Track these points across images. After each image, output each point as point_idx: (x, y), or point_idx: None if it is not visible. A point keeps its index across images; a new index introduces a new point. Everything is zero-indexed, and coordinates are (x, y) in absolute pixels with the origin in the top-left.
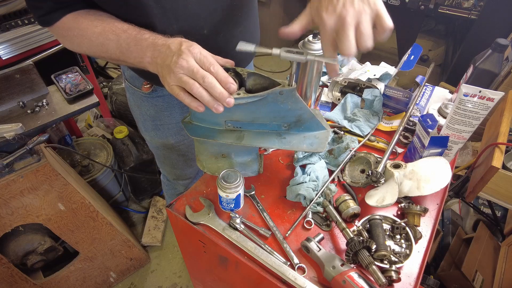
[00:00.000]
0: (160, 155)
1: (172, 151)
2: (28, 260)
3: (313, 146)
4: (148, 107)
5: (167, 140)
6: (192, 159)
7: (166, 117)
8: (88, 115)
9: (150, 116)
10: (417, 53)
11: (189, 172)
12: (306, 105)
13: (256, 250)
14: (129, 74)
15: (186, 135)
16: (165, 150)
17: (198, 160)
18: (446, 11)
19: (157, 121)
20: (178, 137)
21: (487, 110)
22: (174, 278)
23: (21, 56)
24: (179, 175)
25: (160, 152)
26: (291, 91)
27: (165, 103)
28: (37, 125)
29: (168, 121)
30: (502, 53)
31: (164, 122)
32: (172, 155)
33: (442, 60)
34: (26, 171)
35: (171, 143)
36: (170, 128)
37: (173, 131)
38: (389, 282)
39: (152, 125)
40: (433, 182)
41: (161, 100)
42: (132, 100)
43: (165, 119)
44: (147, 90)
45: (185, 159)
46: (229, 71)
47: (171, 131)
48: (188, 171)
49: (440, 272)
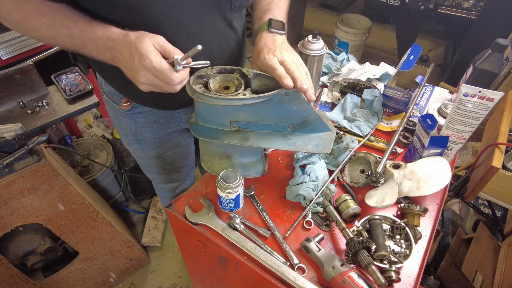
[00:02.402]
0: (144, 164)
1: (156, 161)
2: (28, 260)
3: (318, 147)
4: (128, 123)
5: (149, 153)
6: (180, 166)
7: (147, 133)
8: (88, 115)
9: (131, 132)
10: (416, 53)
11: (176, 177)
12: (312, 107)
13: (256, 250)
14: (108, 89)
15: (169, 147)
16: (149, 160)
17: (202, 160)
18: (446, 11)
19: (139, 136)
20: (161, 149)
21: (487, 110)
22: (174, 278)
23: (21, 56)
24: (165, 180)
25: (144, 162)
26: (297, 92)
27: (146, 119)
28: (37, 125)
29: (150, 136)
30: (502, 53)
31: (146, 137)
32: (157, 164)
33: (442, 60)
34: (26, 171)
35: (154, 155)
36: (152, 142)
37: (155, 144)
38: (389, 282)
39: (133, 140)
40: (433, 182)
41: (141, 116)
42: (112, 115)
43: (147, 134)
44: (127, 107)
45: (172, 167)
46: (235, 71)
47: (154, 144)
48: (175, 176)
49: (440, 272)
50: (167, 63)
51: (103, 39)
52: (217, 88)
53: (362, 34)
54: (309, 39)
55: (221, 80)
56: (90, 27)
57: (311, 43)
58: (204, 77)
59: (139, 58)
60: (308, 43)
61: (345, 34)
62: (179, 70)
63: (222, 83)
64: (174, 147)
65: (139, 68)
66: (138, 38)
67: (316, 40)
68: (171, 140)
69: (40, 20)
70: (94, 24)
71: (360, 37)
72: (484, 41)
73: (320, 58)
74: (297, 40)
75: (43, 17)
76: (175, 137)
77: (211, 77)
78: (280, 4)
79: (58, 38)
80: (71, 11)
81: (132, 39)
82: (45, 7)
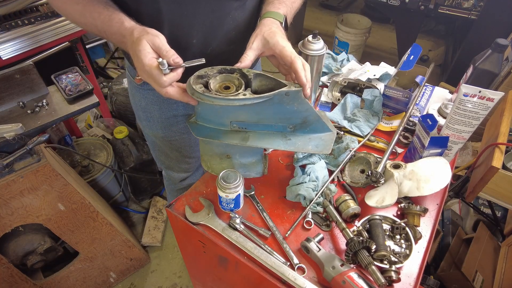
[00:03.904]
0: (153, 143)
1: (164, 142)
2: (28, 260)
3: (318, 148)
4: (140, 98)
5: (157, 132)
6: (188, 156)
7: (155, 111)
8: (88, 115)
9: (141, 107)
10: (416, 53)
11: (185, 168)
12: (312, 107)
13: (256, 250)
14: (127, 63)
15: (176, 132)
16: (158, 140)
17: (202, 160)
18: (446, 11)
19: (147, 113)
20: (168, 132)
21: (487, 110)
22: (174, 278)
23: (21, 56)
24: (173, 167)
25: (153, 141)
26: (297, 92)
27: (155, 97)
28: (37, 125)
29: (157, 114)
30: (502, 53)
31: (154, 115)
32: (164, 146)
33: (442, 60)
34: (26, 171)
35: (161, 135)
36: (160, 122)
37: (162, 125)
38: (389, 282)
39: (143, 116)
40: (433, 182)
41: (151, 93)
42: (129, 88)
43: (155, 112)
44: (139, 82)
45: (180, 154)
46: (236, 71)
47: (161, 125)
48: (184, 166)
49: (440, 272)
50: (157, 67)
51: (117, 34)
52: (217, 88)
53: (362, 34)
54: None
55: (221, 80)
56: (110, 20)
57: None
58: (204, 77)
59: (136, 59)
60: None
61: (345, 34)
62: (167, 73)
63: (222, 83)
64: (182, 133)
65: (136, 67)
66: (138, 39)
67: (316, 40)
68: (178, 123)
69: (74, 7)
70: (112, 18)
71: (360, 37)
72: (484, 41)
73: (320, 58)
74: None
75: (76, 4)
76: (182, 121)
77: (211, 77)
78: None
79: (88, 26)
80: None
81: (134, 38)
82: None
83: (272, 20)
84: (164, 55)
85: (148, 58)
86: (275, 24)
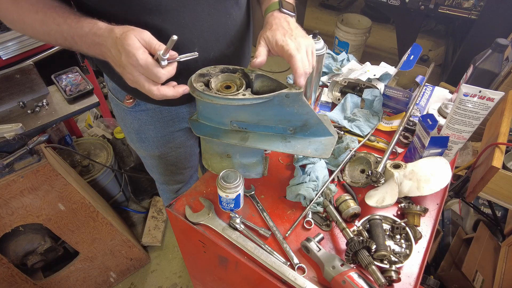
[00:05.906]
0: (147, 163)
1: (159, 161)
2: (28, 260)
3: (318, 151)
4: (132, 120)
5: (153, 152)
6: (183, 167)
7: (150, 131)
8: (88, 115)
9: (134, 130)
10: (417, 53)
11: (179, 179)
12: (313, 110)
13: (256, 250)
14: (112, 85)
15: (172, 147)
16: (152, 160)
17: (203, 158)
18: (446, 11)
19: (142, 134)
20: (164, 149)
21: (487, 110)
22: (174, 278)
23: (21, 56)
24: (168, 181)
25: (147, 161)
26: (297, 94)
27: (149, 117)
28: (37, 125)
29: (153, 134)
30: (502, 53)
31: (149, 136)
32: (160, 165)
33: (442, 60)
34: (26, 171)
35: (157, 154)
36: (156, 141)
37: (158, 144)
38: (389, 282)
39: (136, 138)
40: (433, 182)
41: (144, 114)
42: (116, 112)
43: (149, 132)
44: (130, 105)
45: (175, 167)
46: (238, 71)
47: (156, 144)
48: (178, 178)
49: (440, 272)
50: (153, 60)
51: (90, 35)
52: (219, 87)
53: (362, 34)
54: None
55: (223, 79)
56: (78, 23)
57: None
58: (206, 75)
59: (125, 55)
60: None
61: (345, 34)
62: (165, 66)
63: (223, 82)
64: (178, 147)
65: (126, 65)
66: (124, 34)
67: (316, 40)
68: (174, 139)
69: (34, 16)
70: (82, 20)
71: (360, 37)
72: (484, 41)
73: (320, 58)
74: None
75: (36, 13)
76: (178, 137)
77: (213, 76)
78: None
79: (51, 35)
80: (63, 8)
81: (117, 35)
82: (39, 4)
83: (273, 16)
84: (157, 48)
85: (141, 52)
86: (276, 20)
